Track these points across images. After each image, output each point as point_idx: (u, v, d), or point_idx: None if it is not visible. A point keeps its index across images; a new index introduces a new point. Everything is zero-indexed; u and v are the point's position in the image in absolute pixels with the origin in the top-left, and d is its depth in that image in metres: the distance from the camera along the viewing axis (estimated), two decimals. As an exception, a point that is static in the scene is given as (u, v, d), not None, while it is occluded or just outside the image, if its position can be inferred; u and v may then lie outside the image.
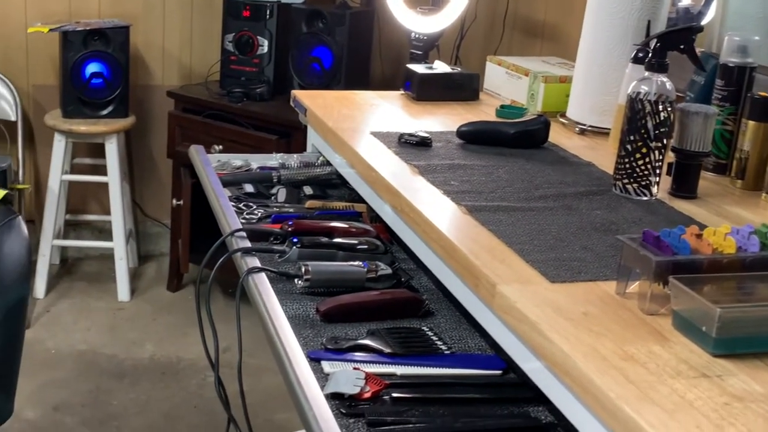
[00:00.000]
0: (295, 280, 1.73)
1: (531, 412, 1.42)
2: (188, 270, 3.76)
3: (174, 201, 3.72)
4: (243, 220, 2.00)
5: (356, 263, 1.75)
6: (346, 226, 1.93)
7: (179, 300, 3.89)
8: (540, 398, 1.42)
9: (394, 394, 1.41)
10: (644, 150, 1.73)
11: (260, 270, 1.70)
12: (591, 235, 1.60)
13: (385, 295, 1.70)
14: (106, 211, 3.94)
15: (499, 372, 1.53)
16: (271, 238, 1.88)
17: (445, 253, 1.57)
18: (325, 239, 1.83)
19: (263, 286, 1.65)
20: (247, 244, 1.81)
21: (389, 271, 1.76)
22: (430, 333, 1.62)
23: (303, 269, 1.71)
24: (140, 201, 4.21)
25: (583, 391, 1.17)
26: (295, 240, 1.79)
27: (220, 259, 1.73)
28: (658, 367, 1.17)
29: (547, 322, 1.28)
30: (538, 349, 1.28)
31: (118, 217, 3.78)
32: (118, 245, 3.80)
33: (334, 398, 1.38)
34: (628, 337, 1.25)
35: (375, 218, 2.06)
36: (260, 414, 2.90)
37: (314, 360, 1.49)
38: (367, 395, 1.39)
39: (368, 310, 1.66)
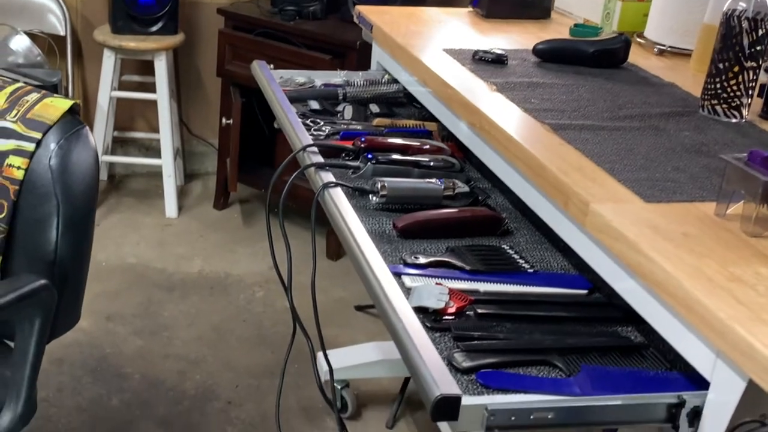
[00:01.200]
0: (370, 196, 1.69)
1: (620, 331, 1.39)
2: (236, 189, 3.73)
3: (223, 120, 3.68)
4: (312, 136, 1.96)
5: (432, 180, 1.72)
6: (419, 143, 1.88)
7: (226, 218, 3.88)
8: (629, 318, 1.40)
9: (480, 310, 1.38)
10: (737, 69, 1.68)
11: (336, 185, 1.66)
12: (682, 156, 1.55)
13: (464, 212, 1.66)
14: (153, 129, 3.91)
15: (584, 292, 1.49)
16: (343, 155, 1.84)
17: (531, 172, 1.52)
18: (399, 156, 1.79)
19: (340, 201, 1.62)
20: (320, 159, 1.78)
21: (466, 189, 1.72)
22: (511, 251, 1.59)
23: (379, 185, 1.67)
24: (187, 120, 4.18)
25: (688, 312, 1.13)
26: (369, 156, 1.75)
27: (295, 173, 1.70)
28: (767, 290, 1.13)
29: (647, 241, 1.24)
30: (636, 268, 1.24)
31: (166, 134, 3.76)
32: (167, 162, 3.78)
33: (418, 312, 1.35)
34: (732, 259, 1.21)
35: (446, 137, 2.01)
36: (308, 330, 2.90)
37: (395, 275, 1.46)
38: (451, 310, 1.36)
39: (446, 227, 1.63)
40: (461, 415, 1.08)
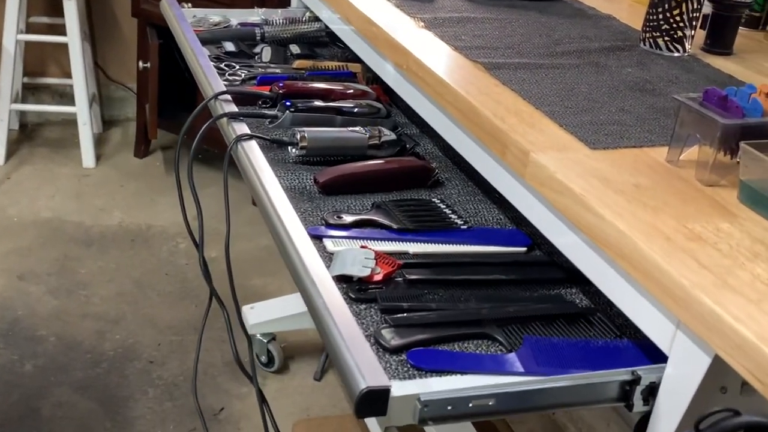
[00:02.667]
0: (289, 148, 1.54)
1: (563, 294, 1.26)
2: (157, 136, 3.54)
3: (140, 63, 3.47)
4: (225, 82, 1.79)
5: (356, 129, 1.56)
6: (342, 87, 1.72)
7: (147, 166, 3.68)
8: (572, 279, 1.27)
9: (409, 276, 1.24)
10: (681, -1, 1.54)
11: (250, 137, 1.50)
12: (626, 95, 1.42)
13: (391, 163, 1.51)
14: (67, 74, 3.69)
15: (523, 249, 1.36)
16: (260, 102, 1.68)
17: (463, 117, 1.37)
18: (320, 103, 1.63)
19: (254, 155, 1.46)
20: (234, 108, 1.61)
21: (393, 136, 1.57)
22: (442, 205, 1.45)
23: (298, 136, 1.51)
24: (103, 63, 3.95)
25: (644, 277, 1.00)
26: (287, 103, 1.59)
27: (204, 125, 1.53)
28: (731, 249, 1.00)
29: (596, 195, 1.10)
30: (584, 227, 1.10)
31: (79, 80, 3.53)
32: (81, 109, 3.56)
33: (341, 281, 1.21)
34: (690, 213, 1.08)
35: (372, 79, 1.85)
36: (235, 280, 2.76)
37: (315, 237, 1.31)
38: (378, 278, 1.22)
39: (372, 180, 1.48)
40: (390, 408, 0.94)
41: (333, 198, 1.43)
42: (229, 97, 1.64)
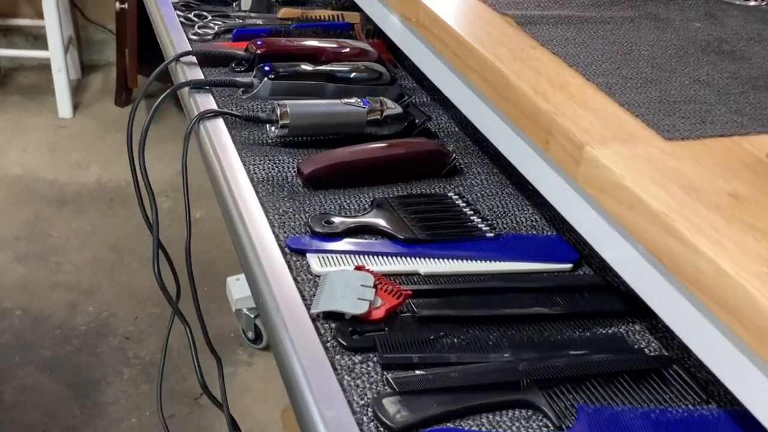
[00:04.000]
0: (267, 126, 1.22)
1: (625, 334, 0.95)
2: (137, 84, 3.21)
3: (117, 4, 3.13)
4: (194, 37, 1.46)
5: (352, 101, 1.24)
6: (336, 45, 1.39)
7: (129, 115, 3.36)
8: (635, 311, 0.96)
9: (421, 312, 0.93)
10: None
11: (216, 114, 1.18)
12: (699, 59, 1.09)
13: (395, 147, 1.19)
14: (41, 15, 3.35)
15: (569, 266, 1.04)
16: (233, 65, 1.35)
17: (492, 91, 1.05)
18: (307, 66, 1.30)
19: (219, 138, 1.14)
20: (199, 73, 1.29)
21: (398, 110, 1.25)
22: (461, 203, 1.13)
23: (279, 111, 1.19)
24: (80, 3, 3.60)
25: (756, 340, 0.69)
26: (266, 68, 1.27)
27: (163, 95, 1.21)
28: None
29: (680, 211, 0.78)
30: (663, 256, 0.78)
31: (52, 21, 3.20)
32: (55, 54, 3.23)
33: (328, 318, 0.90)
34: (818, 243, 0.76)
35: (372, 32, 1.52)
36: (219, 246, 2.47)
37: (296, 252, 1.00)
38: (378, 314, 0.91)
39: (372, 169, 1.16)
40: None
41: (321, 194, 1.12)
42: (193, 58, 1.32)
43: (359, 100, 1.24)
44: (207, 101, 1.22)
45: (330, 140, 1.23)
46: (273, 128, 1.21)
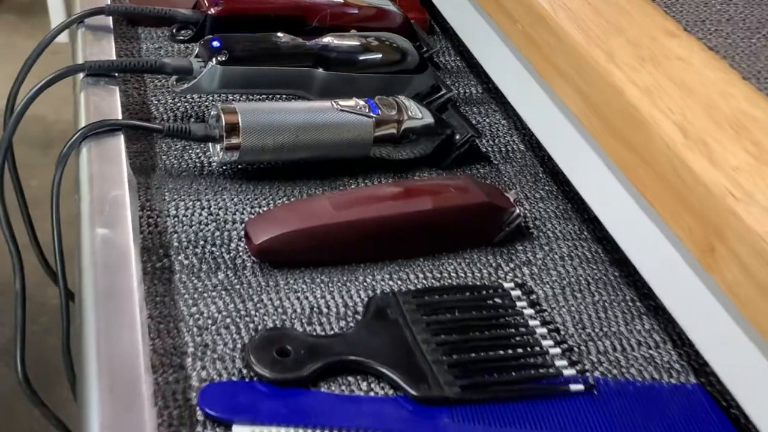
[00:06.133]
0: (210, 146, 0.73)
1: None
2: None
3: None
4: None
5: (351, 103, 0.75)
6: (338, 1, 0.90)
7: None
8: None
9: None
10: None
11: (113, 127, 0.69)
12: None
13: (417, 196, 0.69)
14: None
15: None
16: (173, 30, 0.86)
17: (593, 118, 0.56)
18: (284, 39, 0.80)
19: (112, 171, 0.65)
20: (110, 48, 0.80)
21: (427, 119, 0.76)
22: (525, 307, 0.64)
23: (223, 120, 0.70)
24: None
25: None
26: (215, 43, 0.77)
27: (32, 89, 0.72)
28: None
29: None
30: None
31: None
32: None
33: None
34: None
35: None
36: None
37: (215, 421, 0.52)
38: None
39: (373, 236, 0.67)
40: None
41: (283, 277, 0.63)
42: (108, 20, 0.83)
43: (363, 102, 0.75)
44: (109, 97, 0.73)
45: (310, 169, 0.75)
46: (216, 148, 0.72)
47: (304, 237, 0.64)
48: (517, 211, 0.70)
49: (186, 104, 0.82)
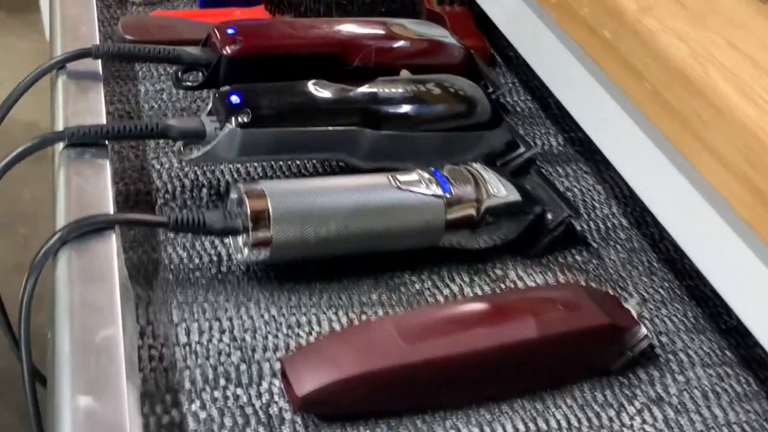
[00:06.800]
0: (230, 242, 0.56)
1: None
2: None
3: None
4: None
5: (413, 177, 0.57)
6: (380, 30, 0.71)
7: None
8: None
9: None
10: None
11: (101, 226, 0.51)
12: None
13: (517, 313, 0.51)
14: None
15: None
16: (178, 72, 0.68)
17: (745, 191, 0.39)
18: (322, 92, 0.62)
19: (100, 281, 0.48)
20: (98, 97, 0.62)
21: (513, 196, 0.58)
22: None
23: (248, 206, 0.53)
24: None
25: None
26: (233, 98, 0.59)
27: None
28: None
29: None
30: None
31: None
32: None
33: None
34: None
35: (451, -2, 0.85)
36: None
37: None
38: None
39: (458, 375, 0.49)
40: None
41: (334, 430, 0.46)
42: (96, 64, 0.65)
43: (429, 175, 0.57)
44: (96, 180, 0.55)
45: (360, 262, 0.57)
46: (239, 242, 0.55)
47: (366, 383, 0.47)
48: (644, 330, 0.52)
49: (196, 168, 0.65)
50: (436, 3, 0.85)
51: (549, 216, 0.60)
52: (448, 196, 0.57)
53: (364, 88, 0.63)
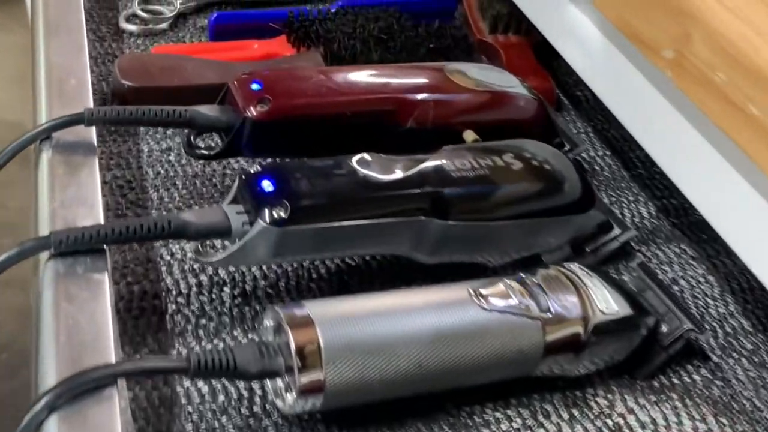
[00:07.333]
0: (270, 387, 0.43)
1: None
2: None
3: None
4: (131, 27, 0.67)
5: (499, 288, 0.44)
6: (436, 78, 0.58)
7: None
8: None
9: None
10: None
11: (101, 384, 0.38)
12: None
13: None
14: None
15: None
16: (191, 137, 0.55)
17: None
18: (376, 175, 0.50)
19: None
20: (93, 168, 0.50)
21: (624, 309, 0.46)
22: None
23: (293, 342, 0.40)
24: None
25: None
26: (264, 188, 0.46)
27: None
28: None
29: None
30: None
31: None
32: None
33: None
34: None
35: (507, 26, 0.72)
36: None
37: None
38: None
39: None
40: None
41: None
42: (89, 132, 0.53)
43: (517, 284, 0.45)
44: (94, 307, 0.42)
45: (427, 400, 0.45)
46: (279, 387, 0.42)
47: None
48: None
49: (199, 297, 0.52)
50: (487, 32, 0.72)
51: (664, 329, 0.48)
52: (547, 316, 0.44)
53: (429, 164, 0.50)
